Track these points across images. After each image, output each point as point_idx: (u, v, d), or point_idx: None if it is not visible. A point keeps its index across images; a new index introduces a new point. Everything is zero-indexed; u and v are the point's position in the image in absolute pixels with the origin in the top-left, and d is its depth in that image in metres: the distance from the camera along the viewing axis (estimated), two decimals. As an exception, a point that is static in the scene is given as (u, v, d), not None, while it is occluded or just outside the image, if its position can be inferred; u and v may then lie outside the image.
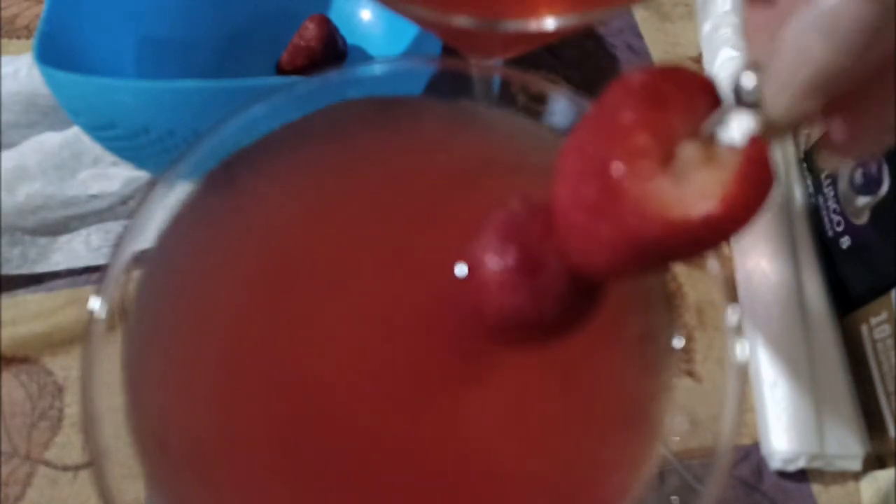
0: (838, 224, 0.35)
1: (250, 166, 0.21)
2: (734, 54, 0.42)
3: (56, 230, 0.37)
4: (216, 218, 0.21)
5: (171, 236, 0.20)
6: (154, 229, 0.20)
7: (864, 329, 0.33)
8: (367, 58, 0.42)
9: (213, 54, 0.41)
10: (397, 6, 0.23)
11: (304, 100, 0.21)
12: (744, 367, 0.18)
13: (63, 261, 0.36)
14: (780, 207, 0.38)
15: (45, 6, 0.33)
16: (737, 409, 0.17)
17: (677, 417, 0.19)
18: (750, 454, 0.33)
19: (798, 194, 0.39)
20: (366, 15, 0.43)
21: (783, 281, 0.35)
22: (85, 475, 0.32)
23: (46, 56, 0.31)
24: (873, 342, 0.32)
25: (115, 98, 0.31)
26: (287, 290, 0.20)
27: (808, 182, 0.39)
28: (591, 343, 0.17)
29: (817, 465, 0.32)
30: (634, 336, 0.20)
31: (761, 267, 0.36)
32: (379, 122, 0.22)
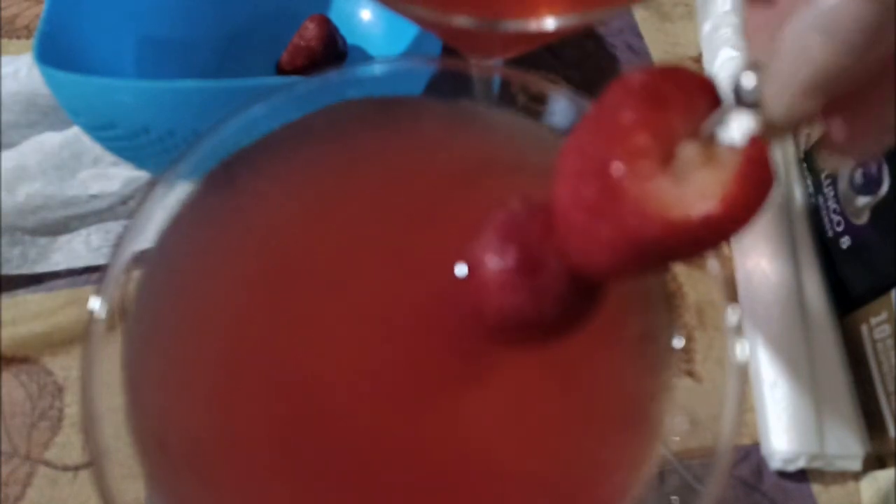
0: (838, 224, 0.35)
1: (250, 166, 0.21)
2: (734, 54, 0.42)
3: (56, 230, 0.37)
4: (216, 218, 0.21)
5: (171, 236, 0.20)
6: (154, 229, 0.20)
7: (864, 329, 0.33)
8: (367, 58, 0.42)
9: (213, 54, 0.41)
10: (397, 6, 0.23)
11: (304, 100, 0.21)
12: (744, 367, 0.18)
13: (63, 261, 0.36)
14: (780, 207, 0.38)
15: (45, 6, 0.33)
16: (737, 409, 0.17)
17: (677, 417, 0.19)
18: (750, 454, 0.33)
19: (798, 194, 0.39)
20: (366, 15, 0.43)
21: (783, 281, 0.35)
22: (85, 475, 0.32)
23: (46, 56, 0.31)
24: (873, 342, 0.32)
25: (115, 98, 0.31)
26: (287, 289, 0.20)
27: (808, 182, 0.39)
28: (591, 343, 0.17)
29: (817, 465, 0.32)
30: (634, 336, 0.20)
31: (761, 267, 0.36)
32: (379, 122, 0.22)
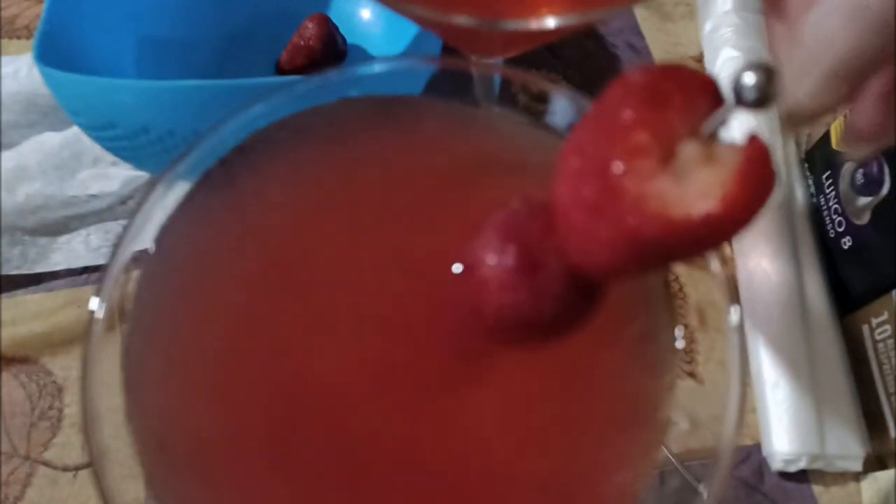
0: (839, 224, 0.35)
1: (250, 166, 0.21)
2: (735, 54, 0.42)
3: (56, 230, 0.37)
4: (216, 218, 0.21)
5: (170, 236, 0.20)
6: (153, 229, 0.20)
7: (865, 329, 0.33)
8: (367, 57, 0.42)
9: (213, 54, 0.41)
10: (397, 6, 0.23)
11: (304, 99, 0.21)
12: (745, 368, 0.18)
13: (62, 261, 0.36)
14: (781, 207, 0.37)
15: (45, 6, 0.33)
16: (738, 409, 0.17)
17: (678, 418, 0.19)
18: (751, 455, 0.33)
19: (799, 194, 0.38)
20: (366, 14, 0.43)
21: (784, 281, 0.35)
22: (85, 475, 0.32)
23: (46, 56, 0.31)
24: (874, 342, 0.32)
25: (115, 98, 0.31)
26: (287, 289, 0.20)
27: (810, 182, 0.39)
28: (592, 343, 0.17)
29: (818, 465, 0.32)
30: (635, 336, 0.20)
31: (762, 267, 0.35)
32: (379, 122, 0.22)
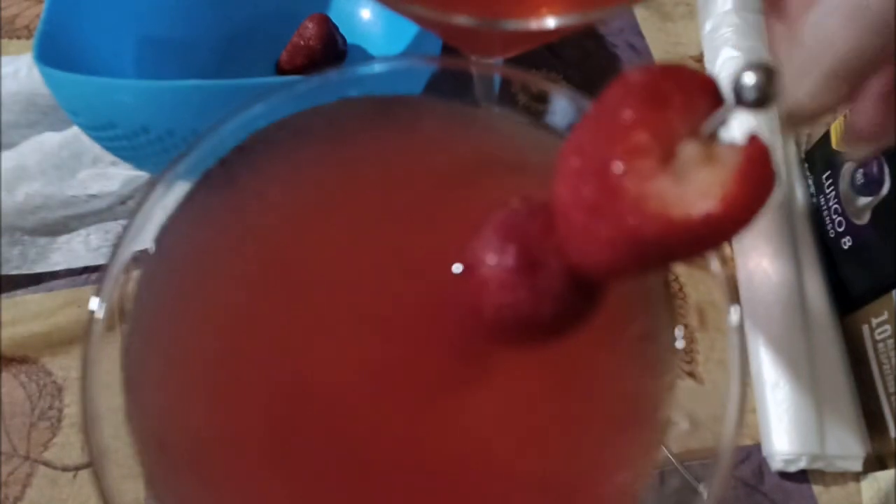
0: (839, 224, 0.35)
1: (250, 166, 0.21)
2: (735, 54, 0.42)
3: (55, 230, 0.37)
4: (215, 217, 0.21)
5: (170, 236, 0.20)
6: (153, 229, 0.20)
7: (865, 329, 0.33)
8: (367, 57, 0.42)
9: (213, 54, 0.41)
10: (397, 6, 0.23)
11: (304, 99, 0.21)
12: (745, 368, 0.18)
13: (62, 261, 0.36)
14: (781, 207, 0.37)
15: (45, 6, 0.33)
16: (738, 409, 0.17)
17: (678, 418, 0.19)
18: (751, 455, 0.33)
19: (799, 194, 0.38)
20: (366, 14, 0.43)
21: (784, 281, 0.35)
22: (85, 475, 0.32)
23: (46, 56, 0.31)
24: (874, 342, 0.32)
25: (115, 98, 0.31)
26: (287, 289, 0.20)
27: (810, 182, 0.39)
28: (592, 343, 0.17)
29: (818, 465, 0.32)
30: (635, 336, 0.20)
31: (762, 267, 0.35)
32: (379, 122, 0.22)
